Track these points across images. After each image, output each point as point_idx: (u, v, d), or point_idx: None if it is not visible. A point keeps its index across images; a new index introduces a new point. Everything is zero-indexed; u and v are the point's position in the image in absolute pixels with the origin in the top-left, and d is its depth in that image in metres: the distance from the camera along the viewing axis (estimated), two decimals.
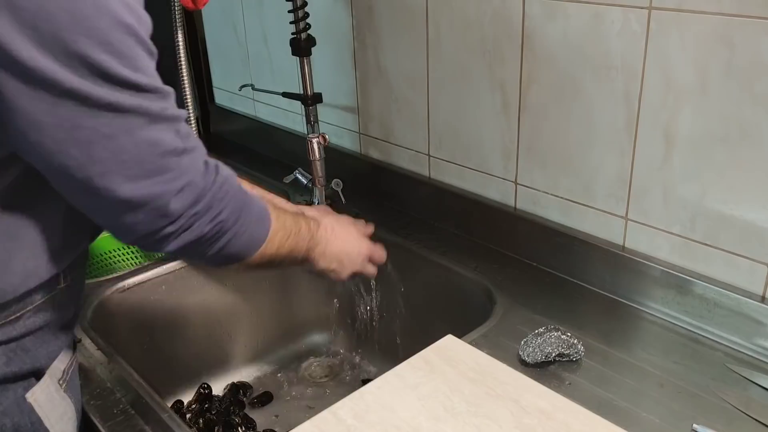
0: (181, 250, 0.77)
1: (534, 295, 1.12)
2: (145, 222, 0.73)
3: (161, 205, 0.72)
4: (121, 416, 0.90)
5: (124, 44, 0.66)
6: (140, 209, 0.71)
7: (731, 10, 0.88)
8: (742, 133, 0.92)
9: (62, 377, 0.86)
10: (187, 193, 0.73)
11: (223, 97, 2.00)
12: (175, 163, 0.72)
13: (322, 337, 1.51)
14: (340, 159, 1.53)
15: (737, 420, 0.85)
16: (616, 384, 0.92)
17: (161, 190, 0.71)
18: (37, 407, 0.81)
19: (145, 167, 0.70)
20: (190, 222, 0.75)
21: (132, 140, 0.68)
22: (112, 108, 0.66)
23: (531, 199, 1.22)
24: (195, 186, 0.74)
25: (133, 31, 0.67)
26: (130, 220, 0.72)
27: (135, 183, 0.70)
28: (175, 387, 1.33)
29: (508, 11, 1.13)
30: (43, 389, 0.82)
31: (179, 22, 1.39)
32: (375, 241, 1.15)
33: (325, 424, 0.83)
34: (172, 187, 0.72)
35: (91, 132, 0.66)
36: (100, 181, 0.68)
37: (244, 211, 0.82)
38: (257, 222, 0.85)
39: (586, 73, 1.06)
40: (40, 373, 0.82)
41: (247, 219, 0.83)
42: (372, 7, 1.37)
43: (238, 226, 0.81)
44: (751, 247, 0.96)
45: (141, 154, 0.69)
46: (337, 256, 1.04)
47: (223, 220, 0.78)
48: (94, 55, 0.64)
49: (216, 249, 0.80)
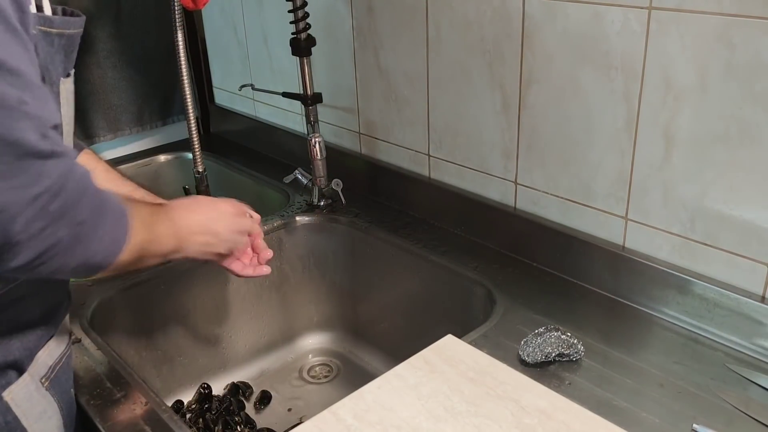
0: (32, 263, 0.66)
1: (534, 295, 1.12)
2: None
3: (13, 214, 0.61)
4: (121, 416, 0.90)
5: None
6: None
7: (731, 10, 0.88)
8: (742, 133, 0.92)
9: (46, 374, 0.84)
10: (42, 200, 0.63)
11: (223, 97, 2.00)
12: (37, 166, 0.62)
13: (322, 337, 1.51)
14: (340, 159, 1.53)
15: (737, 420, 0.85)
16: (616, 384, 0.92)
17: (14, 196, 0.61)
18: (14, 405, 0.79)
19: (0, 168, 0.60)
20: (42, 226, 0.64)
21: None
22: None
23: (531, 199, 1.22)
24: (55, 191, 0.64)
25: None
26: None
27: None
28: (175, 387, 1.33)
29: (508, 11, 1.13)
30: (21, 387, 0.80)
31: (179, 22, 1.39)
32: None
33: (325, 424, 0.83)
34: (29, 193, 0.62)
35: None
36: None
37: (103, 211, 0.72)
38: (117, 221, 0.75)
39: (586, 73, 1.06)
40: (20, 369, 0.80)
41: (106, 219, 0.73)
42: (372, 7, 1.37)
43: (98, 229, 0.71)
44: (751, 247, 0.96)
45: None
46: (207, 224, 0.96)
47: (81, 222, 0.68)
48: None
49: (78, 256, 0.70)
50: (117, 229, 0.75)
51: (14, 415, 0.80)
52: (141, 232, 0.79)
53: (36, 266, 0.67)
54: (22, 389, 0.81)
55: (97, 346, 1.05)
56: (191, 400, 1.32)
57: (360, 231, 1.41)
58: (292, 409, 1.34)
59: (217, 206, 1.00)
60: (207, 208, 0.98)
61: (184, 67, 1.43)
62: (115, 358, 1.02)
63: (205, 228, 0.95)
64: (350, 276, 1.45)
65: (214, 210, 0.99)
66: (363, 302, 1.44)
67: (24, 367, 0.81)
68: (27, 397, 0.81)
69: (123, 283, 1.24)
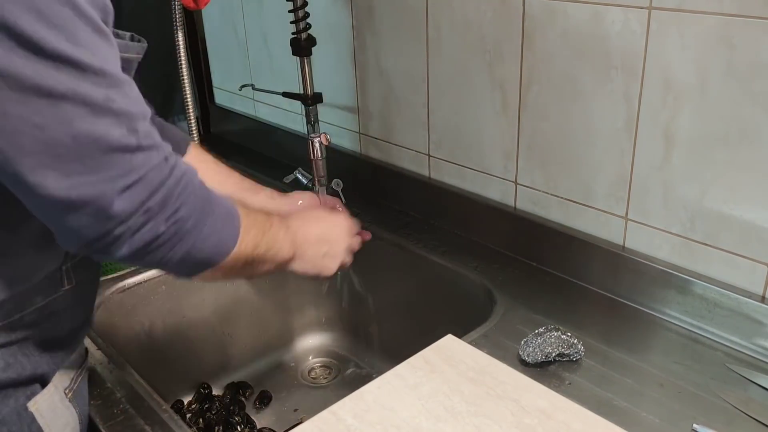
0: (136, 254, 0.68)
1: (534, 295, 1.12)
2: (90, 224, 0.64)
3: (105, 204, 0.64)
4: (121, 416, 0.90)
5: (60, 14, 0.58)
6: (82, 210, 0.63)
7: (731, 10, 0.88)
8: (741, 133, 0.92)
9: (69, 386, 0.84)
10: (135, 190, 0.65)
11: (223, 97, 2.00)
12: (126, 161, 0.64)
13: (322, 337, 1.51)
14: (340, 159, 1.53)
15: (737, 420, 0.85)
16: (616, 384, 0.92)
17: (105, 189, 0.63)
18: (38, 416, 0.79)
19: (85, 163, 0.62)
20: (142, 220, 0.66)
21: (69, 132, 0.60)
22: (42, 92, 0.58)
23: (531, 199, 1.22)
24: (148, 182, 0.66)
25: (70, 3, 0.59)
26: (73, 223, 0.64)
27: (74, 180, 0.62)
28: (175, 387, 1.33)
29: (508, 11, 1.13)
30: (46, 398, 0.80)
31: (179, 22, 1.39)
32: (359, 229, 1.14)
33: (325, 424, 0.83)
34: (116, 185, 0.64)
35: (18, 120, 0.58)
36: (31, 177, 0.61)
37: (207, 208, 0.74)
38: (225, 220, 0.77)
39: (586, 73, 1.06)
40: (44, 380, 0.80)
41: (211, 217, 0.74)
42: (372, 7, 1.37)
43: (201, 226, 0.72)
44: (751, 247, 0.96)
45: (80, 149, 0.61)
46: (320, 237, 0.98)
47: (182, 218, 0.70)
48: (24, 24, 0.56)
49: (180, 253, 0.71)
50: (226, 229, 0.76)
51: (38, 425, 0.79)
52: (255, 236, 0.81)
53: (139, 258, 0.70)
54: (46, 400, 0.80)
55: (97, 346, 1.05)
56: (191, 400, 1.32)
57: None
58: (292, 409, 1.34)
59: (334, 219, 1.04)
60: (324, 220, 1.02)
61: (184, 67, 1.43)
62: (116, 358, 1.02)
63: (322, 237, 0.98)
64: (350, 276, 1.45)
65: (330, 222, 1.03)
66: (363, 302, 1.44)
67: (49, 379, 0.81)
68: (51, 408, 0.81)
69: (123, 283, 1.24)
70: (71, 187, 0.62)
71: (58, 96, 0.59)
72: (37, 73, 0.57)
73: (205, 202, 0.74)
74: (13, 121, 0.58)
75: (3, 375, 0.75)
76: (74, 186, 0.62)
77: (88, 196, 0.63)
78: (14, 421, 0.77)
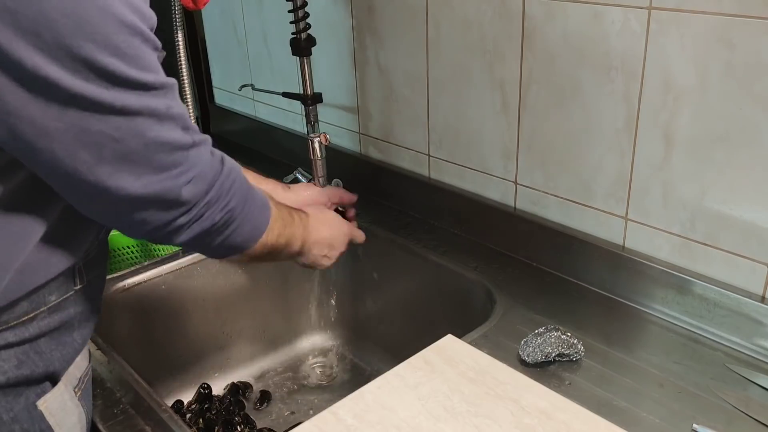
0: (192, 240, 0.79)
1: (534, 295, 1.12)
2: (156, 215, 0.74)
3: (173, 197, 0.73)
4: (121, 416, 0.90)
5: (130, 45, 0.66)
6: (151, 204, 0.73)
7: (731, 10, 0.88)
8: (742, 133, 0.92)
9: (78, 385, 0.85)
10: (197, 183, 0.75)
11: (223, 97, 2.00)
12: (184, 157, 0.73)
13: (322, 337, 1.51)
14: (340, 159, 1.53)
15: (737, 420, 0.85)
16: (616, 384, 0.92)
17: (171, 184, 0.73)
18: (48, 415, 0.80)
19: (154, 165, 0.71)
20: (202, 211, 0.77)
21: (141, 141, 0.69)
22: (120, 111, 0.66)
23: (531, 199, 1.22)
24: (204, 176, 0.76)
25: (138, 30, 0.66)
26: (141, 216, 0.73)
27: (145, 180, 0.70)
28: (175, 387, 1.33)
29: (508, 11, 1.13)
30: (56, 396, 0.81)
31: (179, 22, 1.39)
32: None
33: (325, 424, 0.83)
34: (181, 180, 0.73)
35: (100, 135, 0.66)
36: (110, 182, 0.69)
37: (249, 199, 0.84)
38: (260, 210, 0.88)
39: (586, 73, 1.06)
40: (54, 379, 0.81)
41: (251, 207, 0.85)
42: (372, 7, 1.37)
43: (244, 214, 0.83)
44: (751, 247, 0.96)
45: (150, 154, 0.70)
46: (327, 241, 1.09)
47: (233, 208, 0.81)
48: (101, 59, 0.63)
49: (224, 238, 0.82)
50: (260, 218, 0.88)
51: (48, 424, 0.80)
52: (279, 227, 0.92)
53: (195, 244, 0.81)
54: (56, 398, 0.81)
55: (97, 346, 1.05)
56: (191, 400, 1.32)
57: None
58: (292, 409, 1.34)
59: (341, 227, 1.14)
60: (335, 226, 1.12)
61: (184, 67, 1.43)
62: (116, 358, 1.02)
63: (328, 243, 1.09)
64: (350, 276, 1.45)
65: (338, 229, 1.13)
66: (363, 302, 1.44)
67: (59, 377, 0.82)
68: (61, 406, 0.82)
69: (123, 283, 1.24)
70: (143, 186, 0.70)
71: (133, 112, 0.67)
72: (113, 97, 0.65)
73: (247, 192, 0.84)
74: (95, 137, 0.66)
75: (17, 372, 0.76)
76: (145, 185, 0.70)
77: (158, 191, 0.72)
78: (25, 418, 0.78)
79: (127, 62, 0.65)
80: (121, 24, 0.64)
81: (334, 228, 1.12)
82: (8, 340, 0.75)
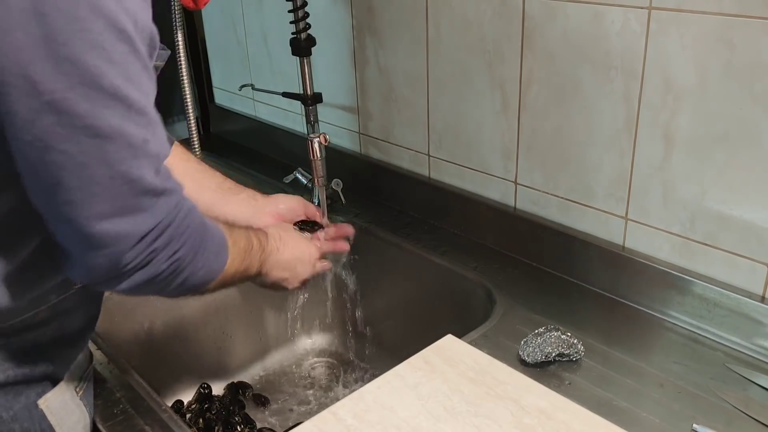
0: (135, 289, 0.71)
1: (534, 295, 1.12)
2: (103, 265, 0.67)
3: (124, 249, 0.66)
4: (121, 416, 0.90)
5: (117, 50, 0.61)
6: (102, 250, 0.65)
7: (731, 10, 0.88)
8: (742, 133, 0.92)
9: (80, 384, 0.85)
10: (151, 234, 0.68)
11: (223, 97, 2.00)
12: (151, 204, 0.67)
13: (321, 337, 1.51)
14: (340, 159, 1.53)
15: (737, 420, 0.85)
16: (616, 384, 0.92)
17: (128, 231, 0.66)
18: (49, 414, 0.80)
19: (117, 204, 0.64)
20: (147, 260, 0.69)
21: (108, 173, 0.62)
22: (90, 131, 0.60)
23: (531, 199, 1.22)
24: (161, 226, 0.69)
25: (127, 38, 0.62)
26: (89, 261, 0.67)
27: (102, 221, 0.64)
28: (175, 387, 1.33)
29: (508, 11, 1.13)
30: (57, 395, 0.81)
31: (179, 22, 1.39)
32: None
33: (325, 424, 0.83)
34: (140, 228, 0.66)
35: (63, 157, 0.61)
36: (65, 210, 0.63)
37: (203, 244, 0.77)
38: (216, 255, 0.81)
39: (586, 73, 1.06)
40: (55, 378, 0.81)
41: (205, 253, 0.77)
42: (372, 7, 1.37)
43: (196, 261, 0.75)
44: (751, 247, 0.96)
45: (115, 190, 0.63)
46: (289, 265, 1.02)
47: (182, 257, 0.73)
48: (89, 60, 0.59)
49: (175, 285, 0.75)
50: (215, 261, 0.81)
51: (49, 423, 0.80)
52: (237, 263, 0.86)
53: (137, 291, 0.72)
54: (57, 398, 0.81)
55: (97, 346, 1.05)
56: (191, 400, 1.32)
57: (360, 231, 1.40)
58: (292, 409, 1.34)
59: (305, 249, 1.07)
60: (298, 250, 1.05)
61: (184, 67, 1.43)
62: (116, 358, 1.02)
63: (288, 266, 1.02)
64: (350, 276, 1.45)
65: (302, 253, 1.06)
66: (363, 302, 1.44)
67: (60, 377, 0.82)
68: (62, 405, 0.82)
69: None
70: (100, 226, 0.64)
71: (105, 136, 0.61)
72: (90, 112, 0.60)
73: (201, 237, 0.77)
74: (57, 157, 0.60)
75: (17, 371, 0.76)
76: (103, 226, 0.64)
77: (114, 237, 0.65)
78: (25, 417, 0.78)
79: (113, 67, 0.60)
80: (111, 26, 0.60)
81: (297, 252, 1.05)
82: (8, 339, 0.75)
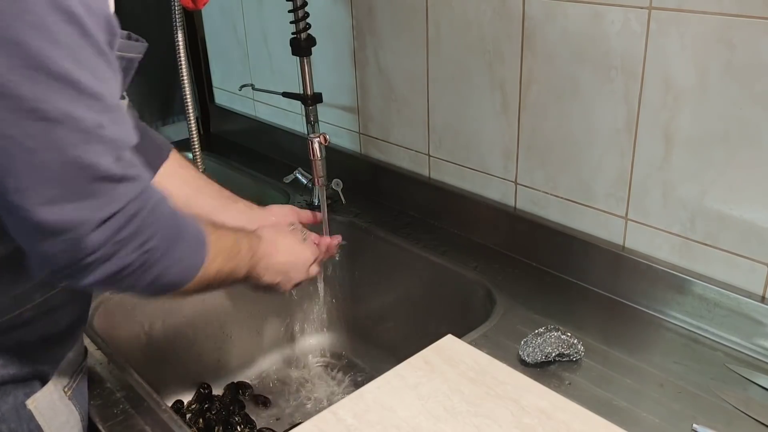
0: (102, 282, 0.68)
1: (534, 295, 1.12)
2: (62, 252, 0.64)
3: (81, 234, 0.63)
4: (121, 416, 0.90)
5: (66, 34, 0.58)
6: (58, 237, 0.63)
7: (731, 10, 0.88)
8: (742, 133, 0.92)
9: (69, 384, 0.85)
10: (112, 222, 0.65)
11: (223, 97, 2.00)
12: (108, 190, 0.64)
13: (321, 337, 1.51)
14: (340, 159, 1.53)
15: (737, 420, 0.85)
16: (616, 384, 0.92)
17: (83, 217, 0.63)
18: (37, 414, 0.79)
19: (68, 189, 0.62)
20: (112, 251, 0.66)
21: (58, 158, 0.60)
22: (37, 115, 0.58)
23: (531, 199, 1.22)
24: (124, 213, 0.66)
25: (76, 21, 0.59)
26: (47, 249, 0.64)
27: (54, 206, 0.61)
28: (175, 387, 1.33)
29: (508, 11, 1.13)
30: (45, 395, 0.80)
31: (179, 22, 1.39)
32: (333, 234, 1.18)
33: (325, 424, 0.83)
34: (97, 215, 0.63)
35: (10, 142, 0.58)
36: (14, 198, 0.60)
37: (177, 236, 0.74)
38: (193, 248, 0.77)
39: (586, 73, 1.06)
40: (44, 378, 0.81)
41: (180, 245, 0.74)
42: (372, 7, 1.37)
43: (169, 255, 0.72)
44: (751, 247, 0.96)
45: (67, 175, 0.61)
46: (281, 268, 0.99)
47: (151, 249, 0.69)
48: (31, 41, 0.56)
49: (146, 280, 0.71)
50: (193, 256, 0.77)
51: (37, 423, 0.79)
52: (219, 261, 0.82)
53: (106, 286, 0.70)
54: (45, 398, 0.81)
55: (97, 346, 1.05)
56: (191, 400, 1.32)
57: (360, 231, 1.41)
58: (292, 409, 1.34)
59: (300, 254, 1.04)
60: (293, 253, 1.02)
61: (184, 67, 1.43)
62: (116, 358, 1.02)
63: (282, 269, 0.99)
64: (350, 276, 1.45)
65: (296, 256, 1.03)
66: (363, 302, 1.44)
67: (48, 376, 0.81)
68: (50, 405, 0.81)
69: None
70: (52, 212, 0.61)
71: (53, 120, 0.59)
72: (36, 95, 0.58)
73: (174, 229, 0.73)
74: (4, 142, 0.58)
75: (4, 371, 0.76)
76: (55, 212, 0.61)
77: (68, 223, 0.62)
78: (13, 418, 0.77)
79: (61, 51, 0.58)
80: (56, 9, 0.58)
81: (292, 255, 1.02)
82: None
